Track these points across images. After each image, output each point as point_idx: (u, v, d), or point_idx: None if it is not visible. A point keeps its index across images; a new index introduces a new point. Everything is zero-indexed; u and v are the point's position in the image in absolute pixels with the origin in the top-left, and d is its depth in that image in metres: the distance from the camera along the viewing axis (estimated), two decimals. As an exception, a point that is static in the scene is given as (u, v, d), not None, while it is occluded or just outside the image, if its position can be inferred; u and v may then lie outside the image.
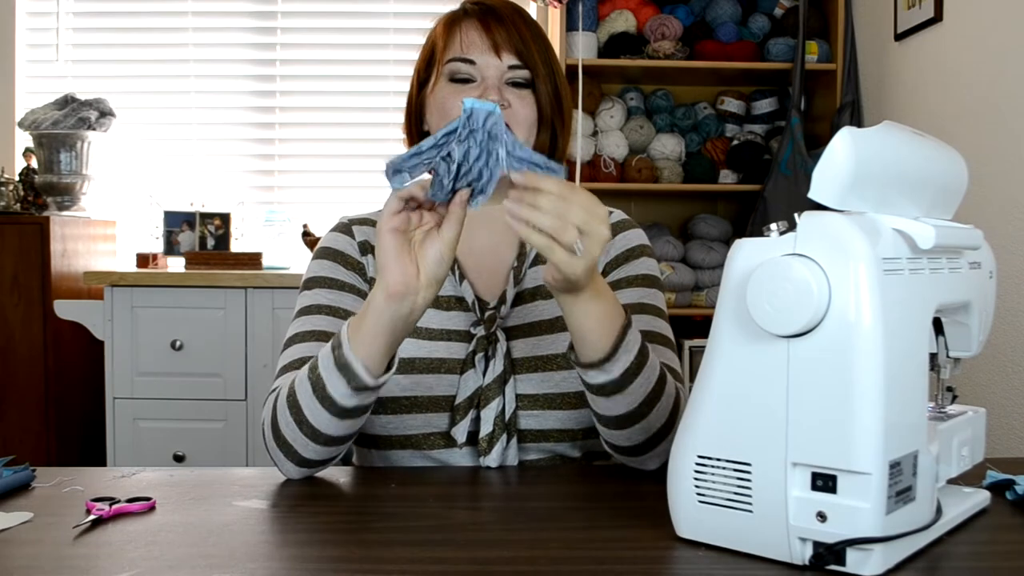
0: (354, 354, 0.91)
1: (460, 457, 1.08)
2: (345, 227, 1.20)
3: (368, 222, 1.20)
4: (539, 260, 1.17)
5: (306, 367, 0.97)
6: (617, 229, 1.19)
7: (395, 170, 0.85)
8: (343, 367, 0.92)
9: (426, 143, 0.84)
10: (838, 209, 0.72)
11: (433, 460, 1.10)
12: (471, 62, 1.09)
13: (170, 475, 1.01)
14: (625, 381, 0.93)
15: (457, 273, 1.14)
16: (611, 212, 1.21)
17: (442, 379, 1.08)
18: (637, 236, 1.20)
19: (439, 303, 1.14)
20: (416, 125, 1.18)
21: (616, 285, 1.15)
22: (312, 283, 1.15)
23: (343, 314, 1.10)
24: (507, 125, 0.85)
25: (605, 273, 1.16)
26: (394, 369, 0.95)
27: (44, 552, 0.76)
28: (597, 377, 0.94)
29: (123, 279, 2.63)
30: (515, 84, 1.09)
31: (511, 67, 1.09)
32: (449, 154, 0.83)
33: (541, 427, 1.08)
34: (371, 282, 1.15)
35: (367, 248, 1.17)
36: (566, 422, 1.09)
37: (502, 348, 1.08)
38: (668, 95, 3.04)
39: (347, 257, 1.16)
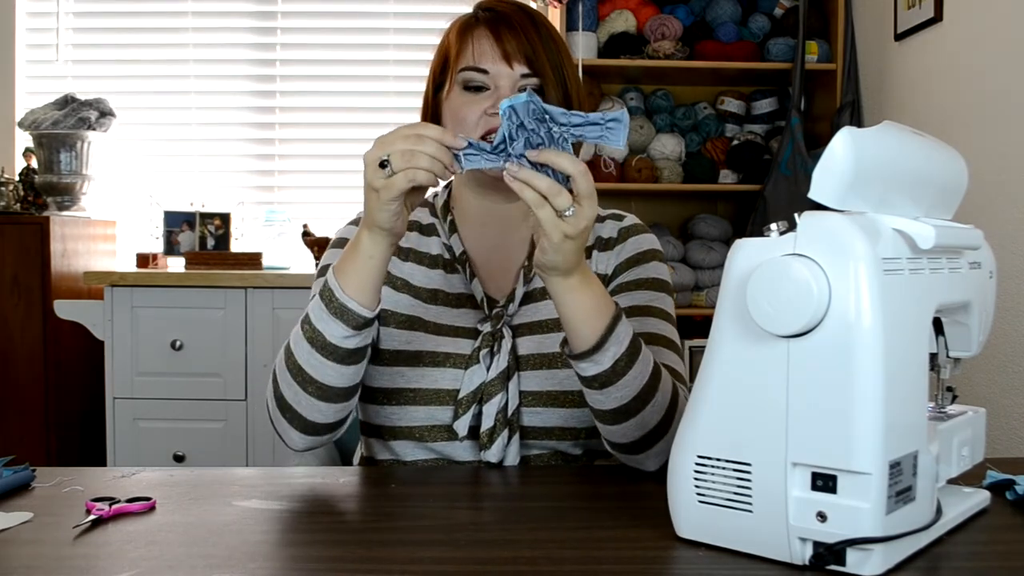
0: (347, 295, 0.96)
1: (462, 450, 1.09)
2: (359, 220, 1.21)
3: None
4: None
5: (296, 328, 1.01)
6: (630, 233, 1.21)
7: (465, 154, 0.88)
8: (339, 311, 0.96)
9: (484, 149, 0.87)
10: (838, 209, 0.72)
11: (435, 452, 1.11)
12: (484, 71, 1.10)
13: (170, 475, 1.01)
14: (616, 373, 0.95)
15: (468, 271, 1.16)
16: (625, 216, 1.23)
17: (447, 373, 1.10)
18: (649, 241, 1.21)
19: (449, 300, 1.15)
20: None
21: (625, 287, 1.16)
22: (323, 272, 1.17)
23: None
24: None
25: (615, 274, 1.18)
26: (380, 303, 0.99)
27: (44, 552, 0.76)
28: (588, 369, 0.95)
29: (123, 279, 2.63)
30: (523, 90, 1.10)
31: (523, 75, 1.09)
32: (510, 157, 0.86)
33: (544, 424, 1.09)
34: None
35: None
36: (569, 420, 1.09)
37: (507, 344, 1.09)
38: (668, 95, 3.04)
39: None
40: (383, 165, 0.89)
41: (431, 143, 0.89)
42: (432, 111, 1.19)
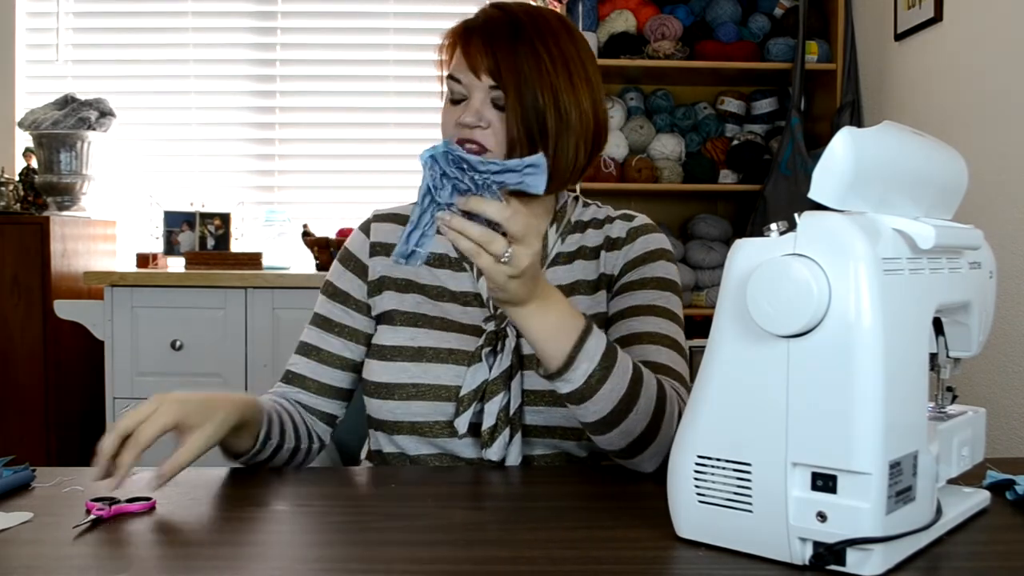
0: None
1: (464, 447, 1.10)
2: (366, 225, 1.23)
3: (393, 218, 1.23)
4: (555, 262, 1.18)
5: None
6: (639, 232, 1.20)
7: (406, 256, 0.86)
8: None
9: (414, 213, 0.86)
10: (838, 209, 0.72)
11: (438, 448, 1.12)
12: (458, 81, 1.10)
13: (170, 475, 1.01)
14: (589, 389, 0.94)
15: (475, 270, 1.16)
16: (635, 216, 1.22)
17: (450, 369, 1.10)
18: (657, 240, 1.21)
19: (455, 297, 1.16)
20: None
21: (630, 286, 1.16)
22: (324, 287, 1.22)
23: (330, 327, 1.19)
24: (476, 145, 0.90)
25: (622, 273, 1.17)
26: (258, 446, 1.06)
27: (44, 552, 0.76)
28: (562, 387, 0.95)
29: (123, 279, 2.62)
30: (497, 103, 1.08)
31: (491, 87, 1.07)
32: (440, 206, 0.85)
33: (547, 423, 1.10)
34: (379, 281, 1.19)
35: (377, 249, 1.20)
36: (571, 420, 1.09)
37: (511, 343, 1.09)
38: (668, 95, 3.04)
39: (356, 261, 1.21)
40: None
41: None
42: None
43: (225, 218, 2.97)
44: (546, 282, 0.94)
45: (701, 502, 0.76)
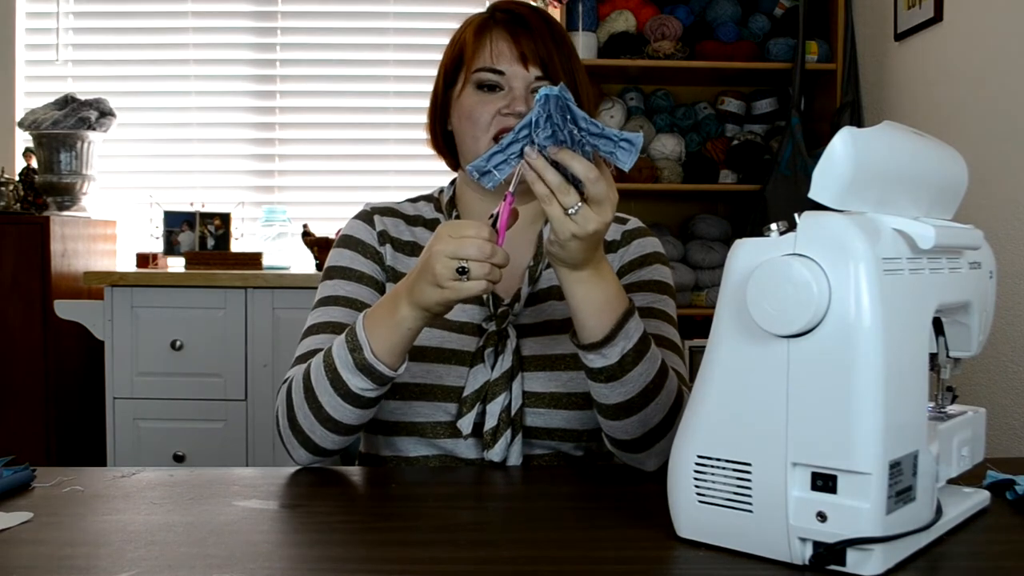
0: (376, 357, 0.96)
1: (465, 448, 1.10)
2: (367, 215, 1.23)
3: (390, 212, 1.24)
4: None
5: (320, 363, 1.01)
6: (633, 236, 1.22)
7: (481, 172, 0.87)
8: (365, 368, 0.97)
9: (506, 139, 0.86)
10: (838, 209, 0.72)
11: (439, 448, 1.11)
12: (500, 72, 1.11)
13: (170, 475, 1.01)
14: (623, 368, 0.95)
15: None
16: (628, 219, 1.23)
17: (452, 370, 1.10)
18: (652, 244, 1.22)
19: None
20: (440, 123, 1.20)
21: (629, 289, 1.16)
22: (333, 272, 1.18)
23: (360, 306, 1.14)
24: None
25: (619, 276, 1.18)
26: (406, 361, 1.01)
27: (44, 552, 0.76)
28: (596, 361, 0.96)
29: (123, 279, 2.62)
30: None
31: (536, 78, 1.11)
32: (533, 144, 0.86)
33: (547, 425, 1.10)
34: (389, 271, 1.18)
35: (386, 238, 1.20)
36: (571, 422, 1.10)
37: (512, 344, 1.09)
38: (668, 95, 3.04)
39: (366, 246, 1.19)
40: (460, 271, 0.88)
41: (502, 254, 0.89)
42: (442, 108, 1.19)
43: (225, 218, 2.97)
44: (604, 256, 0.95)
45: (701, 502, 0.76)
